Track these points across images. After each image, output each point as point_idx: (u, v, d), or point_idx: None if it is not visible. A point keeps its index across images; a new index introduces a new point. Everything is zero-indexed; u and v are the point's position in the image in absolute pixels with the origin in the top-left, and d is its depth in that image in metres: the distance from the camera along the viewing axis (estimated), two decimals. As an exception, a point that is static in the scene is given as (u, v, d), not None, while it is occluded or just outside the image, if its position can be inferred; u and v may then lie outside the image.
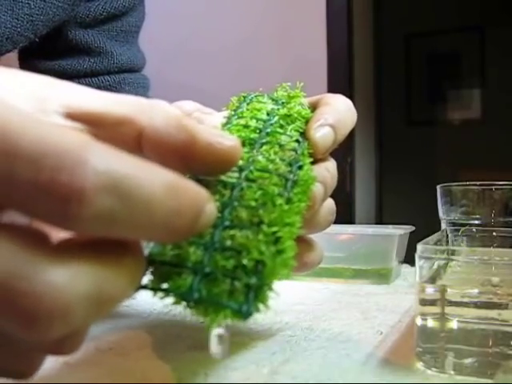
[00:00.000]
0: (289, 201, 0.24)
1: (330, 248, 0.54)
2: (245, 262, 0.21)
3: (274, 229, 0.22)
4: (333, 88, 1.97)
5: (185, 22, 2.16)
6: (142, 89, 0.62)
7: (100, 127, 0.21)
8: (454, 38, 3.11)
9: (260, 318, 0.38)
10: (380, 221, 2.70)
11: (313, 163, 0.29)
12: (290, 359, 0.29)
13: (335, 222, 0.35)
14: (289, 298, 0.46)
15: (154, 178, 0.17)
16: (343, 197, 2.00)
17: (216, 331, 0.22)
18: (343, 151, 1.98)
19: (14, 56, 0.55)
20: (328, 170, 0.30)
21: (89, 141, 0.16)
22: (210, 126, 0.29)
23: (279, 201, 0.24)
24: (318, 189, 0.29)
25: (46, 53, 0.57)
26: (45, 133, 0.16)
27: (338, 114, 0.31)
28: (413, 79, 3.20)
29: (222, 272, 0.20)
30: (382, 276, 0.52)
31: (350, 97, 0.34)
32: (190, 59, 2.15)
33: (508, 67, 2.92)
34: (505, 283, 0.27)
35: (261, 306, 0.20)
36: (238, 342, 0.32)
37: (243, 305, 0.20)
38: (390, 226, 0.58)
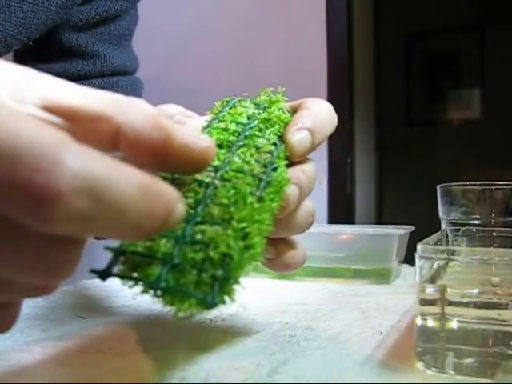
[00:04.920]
0: (260, 199, 0.25)
1: (330, 248, 0.54)
2: (212, 254, 0.22)
3: (243, 225, 0.23)
4: (333, 88, 1.97)
5: (185, 22, 2.16)
6: (135, 92, 0.62)
7: (76, 122, 0.21)
8: (453, 38, 3.11)
9: (260, 318, 0.38)
10: (380, 221, 2.70)
11: (290, 166, 0.30)
12: (289, 359, 0.29)
13: (335, 222, 0.35)
14: (289, 297, 0.46)
15: (127, 180, 0.17)
16: (343, 197, 2.00)
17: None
18: (343, 151, 1.98)
19: (9, 59, 0.55)
20: (305, 172, 0.31)
21: (66, 140, 0.16)
22: (190, 128, 0.29)
23: (250, 199, 0.25)
24: (292, 190, 0.29)
25: (39, 56, 0.57)
26: (22, 128, 0.16)
27: (316, 118, 0.32)
28: (413, 79, 3.20)
29: (190, 264, 0.21)
30: (382, 276, 0.52)
31: (350, 97, 0.35)
32: (189, 60, 2.15)
33: (508, 67, 2.92)
34: (505, 283, 0.27)
35: (226, 297, 0.21)
36: (238, 341, 0.33)
37: (208, 295, 0.21)
38: (390, 226, 0.58)
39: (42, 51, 0.56)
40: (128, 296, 0.45)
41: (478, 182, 0.38)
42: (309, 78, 1.97)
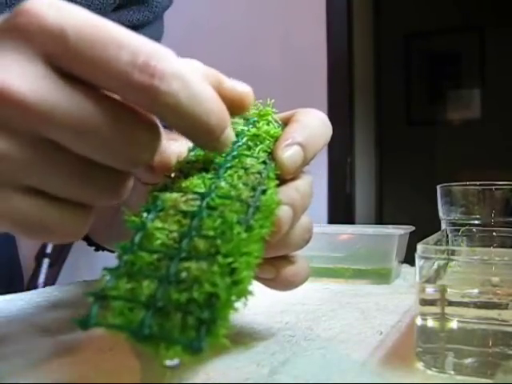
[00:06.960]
0: (248, 228, 0.24)
1: (330, 248, 0.54)
2: (196, 295, 0.20)
3: (230, 260, 0.22)
4: (333, 88, 1.97)
5: (185, 22, 2.16)
6: None
7: None
8: (453, 38, 3.11)
9: (260, 318, 0.38)
10: (380, 221, 2.70)
11: (282, 183, 0.28)
12: (289, 359, 0.29)
13: (335, 222, 0.35)
14: (289, 298, 0.46)
15: (205, 85, 0.24)
16: (343, 197, 2.00)
17: (167, 362, 0.22)
18: (343, 151, 1.98)
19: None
20: (298, 189, 0.29)
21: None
22: (175, 152, 0.28)
23: (238, 229, 0.23)
24: (284, 212, 0.27)
25: None
26: (134, 34, 0.22)
27: (307, 130, 0.30)
28: (413, 79, 3.20)
29: (175, 306, 0.20)
30: (382, 276, 0.52)
31: (350, 97, 0.34)
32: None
33: (508, 67, 2.92)
34: (505, 283, 0.27)
35: (214, 339, 0.20)
36: (238, 341, 0.32)
37: (194, 341, 0.19)
38: (390, 226, 0.58)
39: None
40: (128, 296, 0.45)
41: (478, 182, 0.38)
42: (309, 77, 1.97)
